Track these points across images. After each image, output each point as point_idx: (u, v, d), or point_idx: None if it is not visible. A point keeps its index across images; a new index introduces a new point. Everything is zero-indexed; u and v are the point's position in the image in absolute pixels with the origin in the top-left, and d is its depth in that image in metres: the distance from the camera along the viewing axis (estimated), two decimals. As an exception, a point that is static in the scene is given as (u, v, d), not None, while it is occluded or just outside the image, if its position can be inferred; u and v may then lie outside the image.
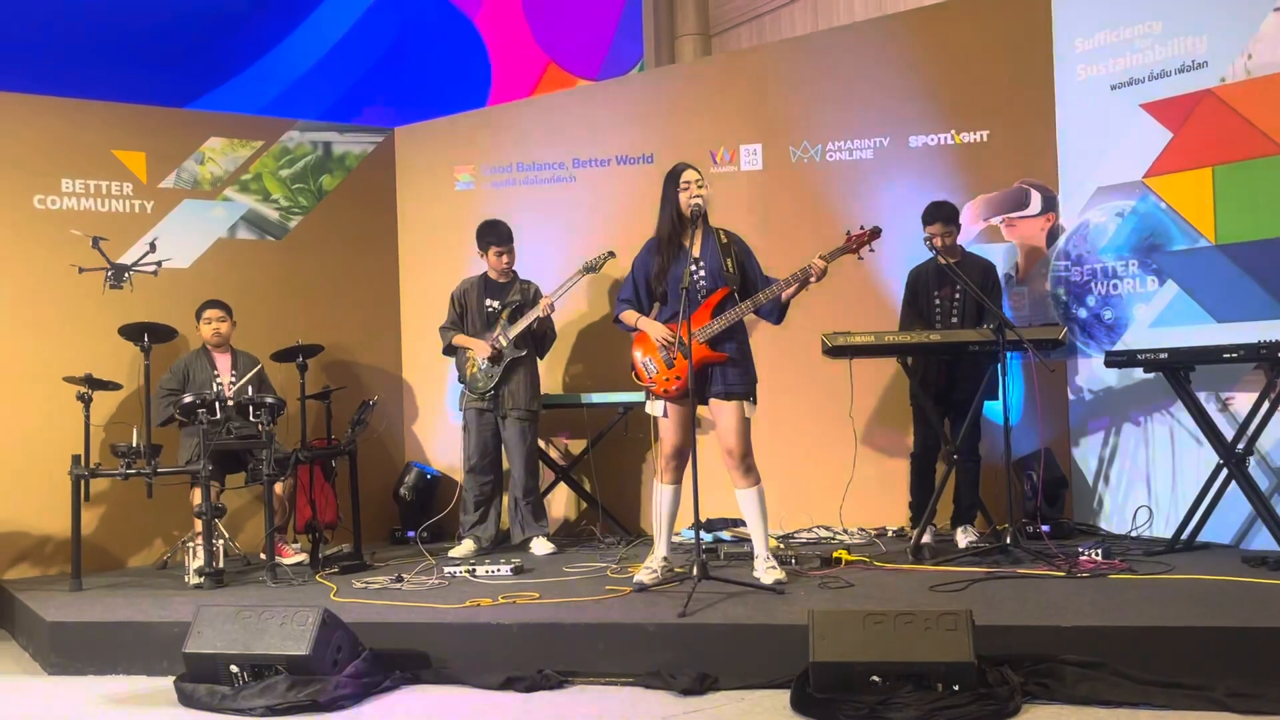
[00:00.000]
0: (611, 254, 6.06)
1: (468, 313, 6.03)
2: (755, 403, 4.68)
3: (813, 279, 4.61)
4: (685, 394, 4.58)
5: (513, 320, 5.93)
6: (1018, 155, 6.10)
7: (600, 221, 6.64)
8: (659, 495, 4.73)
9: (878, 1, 8.94)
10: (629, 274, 4.84)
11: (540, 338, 6.06)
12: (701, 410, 4.81)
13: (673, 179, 4.71)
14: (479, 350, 5.89)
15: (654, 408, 4.69)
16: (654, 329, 4.67)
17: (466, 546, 5.86)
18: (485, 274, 6.10)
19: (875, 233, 4.78)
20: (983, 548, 5.07)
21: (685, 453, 4.63)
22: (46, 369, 5.82)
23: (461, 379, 5.98)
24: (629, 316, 4.77)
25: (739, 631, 3.87)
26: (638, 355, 4.73)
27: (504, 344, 5.87)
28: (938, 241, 5.38)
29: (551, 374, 6.67)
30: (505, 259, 6.03)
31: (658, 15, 10.70)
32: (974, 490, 5.46)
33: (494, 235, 6.03)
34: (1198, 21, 5.44)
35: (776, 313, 4.75)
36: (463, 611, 4.26)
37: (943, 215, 5.47)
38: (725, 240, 4.74)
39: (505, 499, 6.13)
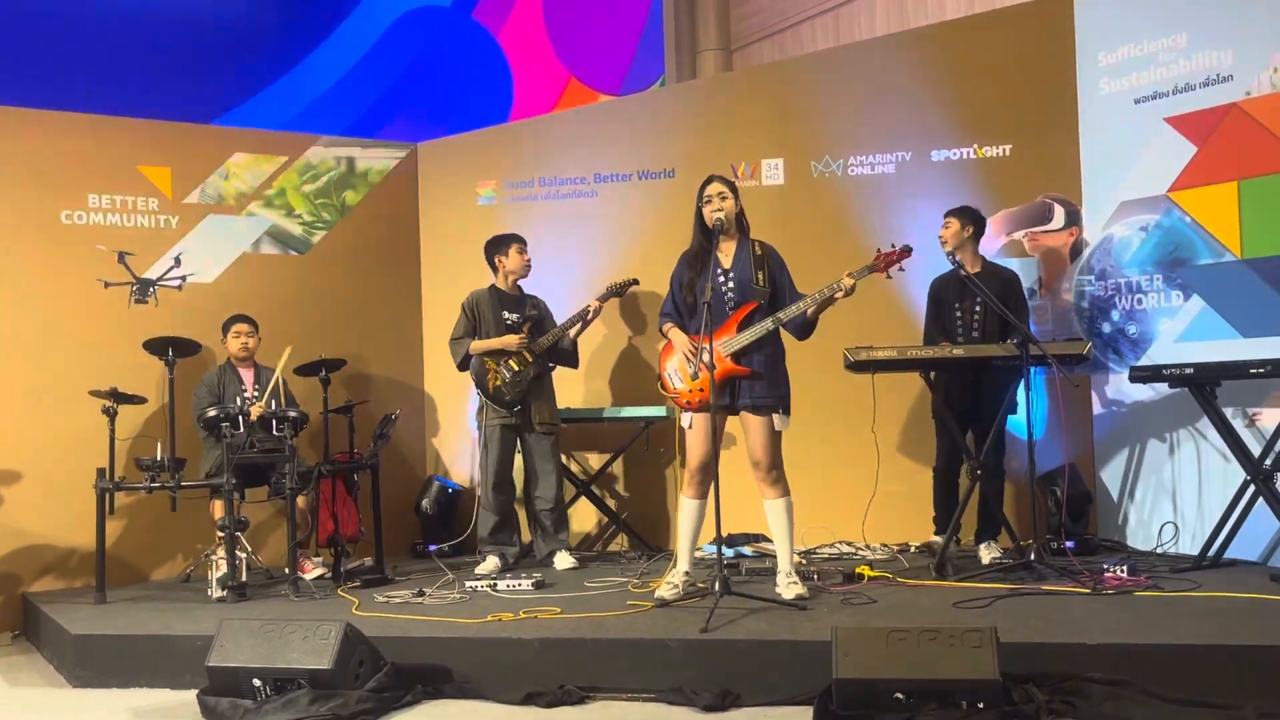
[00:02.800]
0: (635, 281, 6.16)
1: (481, 324, 5.92)
2: (788, 414, 4.65)
3: (839, 296, 4.60)
4: (709, 406, 4.58)
5: (534, 335, 5.92)
6: (1040, 169, 6.08)
7: (622, 236, 6.65)
8: (681, 509, 4.72)
9: (899, 16, 8.94)
10: (669, 288, 4.86)
11: (564, 353, 6.05)
12: (732, 422, 4.80)
13: (699, 193, 4.72)
14: (507, 344, 5.79)
15: (688, 420, 4.69)
16: (679, 340, 4.68)
17: (491, 563, 5.80)
18: (493, 286, 6.02)
19: (905, 251, 4.75)
20: (1007, 564, 5.03)
21: (710, 466, 4.61)
22: (72, 383, 5.86)
23: (484, 392, 5.88)
24: (667, 328, 4.80)
25: (761, 647, 3.85)
26: (665, 366, 4.74)
27: (537, 349, 5.86)
28: (941, 232, 5.39)
29: (573, 388, 6.67)
30: (528, 256, 6.00)
31: (679, 30, 10.73)
32: (998, 506, 5.42)
33: (515, 235, 6.02)
34: (1222, 35, 5.41)
35: (802, 329, 4.73)
36: (484, 626, 4.26)
37: (956, 212, 5.47)
38: (760, 253, 4.73)
39: (523, 513, 6.13)
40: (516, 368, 5.83)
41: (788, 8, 10.08)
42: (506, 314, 5.93)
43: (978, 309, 5.38)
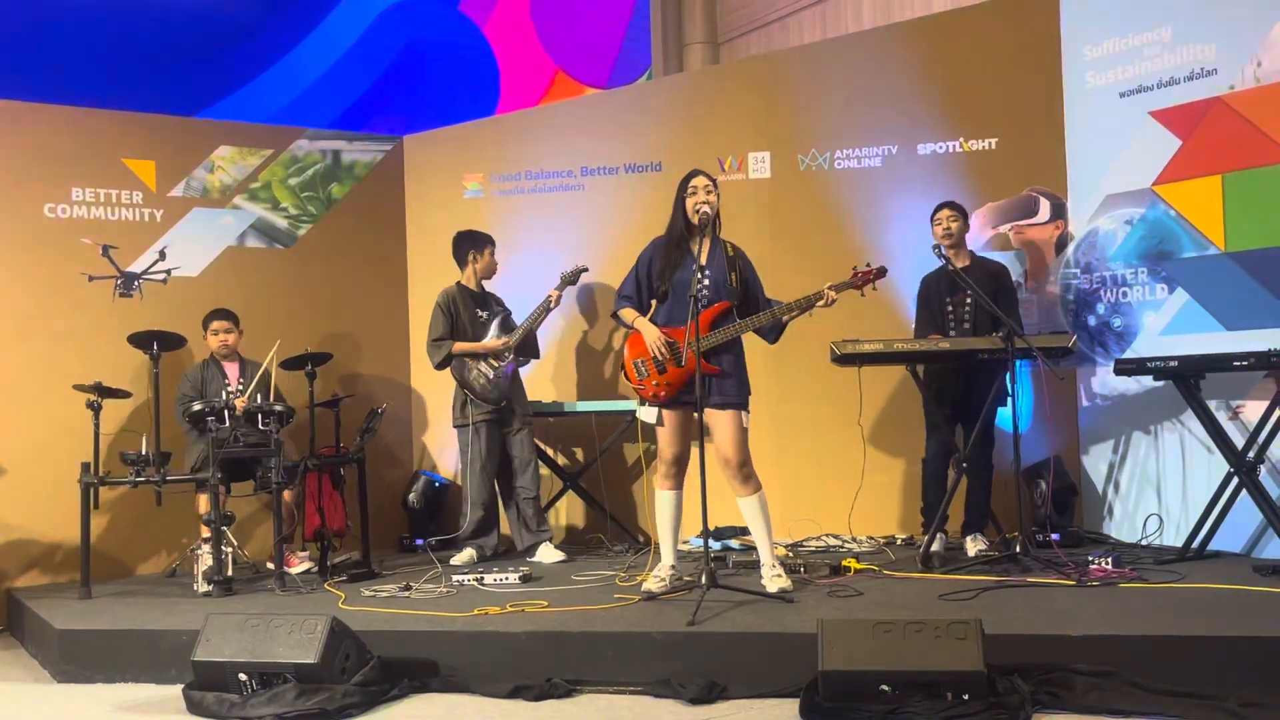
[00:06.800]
0: (584, 268, 6.17)
1: (458, 322, 5.97)
2: (748, 413, 4.68)
3: (820, 305, 4.63)
4: (676, 401, 4.60)
5: (505, 329, 5.94)
6: (1026, 163, 6.09)
7: (609, 229, 6.64)
8: (659, 501, 4.72)
9: (886, 9, 8.94)
10: (632, 269, 4.84)
11: (529, 346, 6.10)
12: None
13: (683, 184, 4.72)
14: (494, 349, 5.86)
15: (646, 414, 4.70)
16: (649, 333, 4.67)
17: (467, 554, 5.85)
18: (461, 285, 6.06)
19: (881, 272, 4.78)
20: (992, 556, 5.05)
21: (684, 460, 4.65)
22: (56, 377, 5.83)
23: (472, 391, 5.90)
24: (628, 314, 4.78)
25: (748, 640, 3.86)
26: (629, 357, 4.74)
27: (512, 346, 5.88)
28: (944, 226, 5.37)
29: (557, 383, 6.67)
30: (496, 260, 6.08)
31: (666, 23, 10.72)
32: (985, 499, 5.44)
33: (490, 237, 6.06)
34: (1207, 29, 5.43)
35: (775, 333, 4.78)
36: (471, 620, 4.26)
37: (951, 204, 5.47)
38: (732, 253, 4.75)
39: (503, 508, 6.13)
40: (496, 363, 5.88)
41: (774, 1, 10.08)
42: (479, 312, 6.00)
43: (968, 303, 5.39)
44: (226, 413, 5.39)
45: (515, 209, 6.80)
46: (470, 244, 6.05)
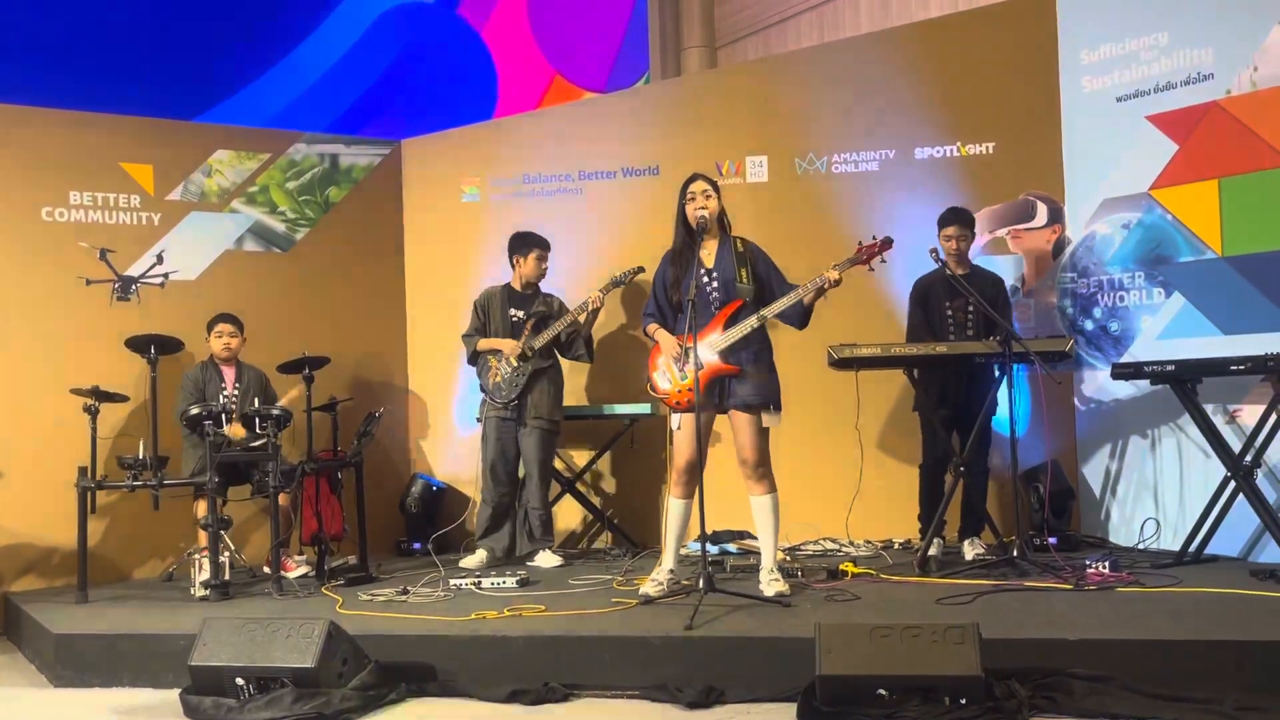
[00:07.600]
0: (640, 269, 6.01)
1: (490, 321, 6.03)
2: (778, 411, 4.66)
3: (827, 288, 4.59)
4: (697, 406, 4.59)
5: (538, 330, 5.94)
6: (1024, 167, 6.10)
7: (606, 233, 6.64)
8: (669, 508, 4.72)
9: (883, 14, 8.96)
10: (652, 289, 4.86)
11: (572, 347, 6.06)
12: (720, 420, 4.80)
13: (682, 191, 4.71)
14: (506, 348, 5.88)
15: (675, 421, 4.70)
16: (665, 340, 4.68)
17: (479, 557, 5.87)
18: (508, 285, 6.10)
19: (887, 243, 4.75)
20: (990, 560, 5.05)
21: (697, 469, 4.62)
22: (53, 381, 5.83)
23: (484, 388, 5.97)
24: (651, 328, 4.79)
25: (745, 644, 3.86)
26: (653, 367, 4.74)
27: (534, 348, 5.87)
28: (954, 245, 5.39)
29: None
30: (546, 265, 6.07)
31: (664, 27, 10.73)
32: (982, 503, 5.45)
33: (540, 241, 6.07)
34: (1204, 34, 5.44)
35: (799, 318, 4.72)
36: (468, 624, 4.25)
37: (961, 219, 5.48)
38: (742, 250, 4.73)
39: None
40: (515, 364, 5.88)
41: (772, 5, 10.10)
42: (513, 311, 6.02)
43: (970, 308, 5.38)
44: (224, 416, 5.39)
45: (513, 213, 6.80)
46: (514, 249, 6.10)
